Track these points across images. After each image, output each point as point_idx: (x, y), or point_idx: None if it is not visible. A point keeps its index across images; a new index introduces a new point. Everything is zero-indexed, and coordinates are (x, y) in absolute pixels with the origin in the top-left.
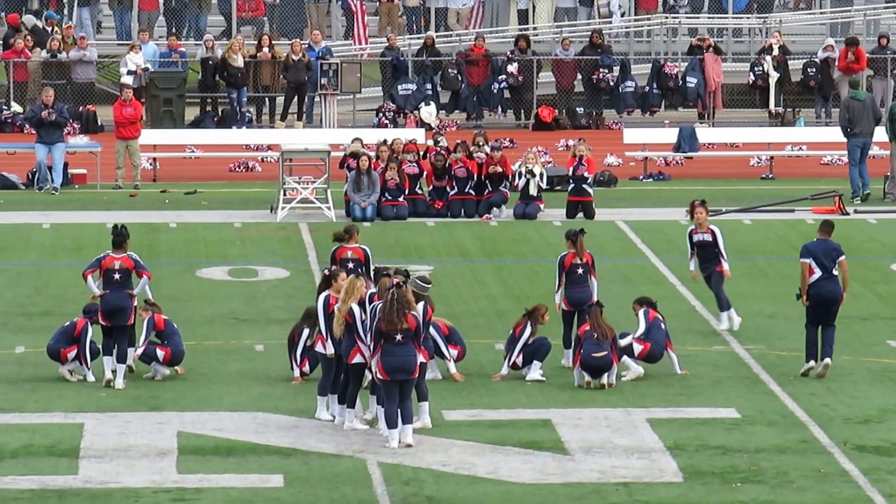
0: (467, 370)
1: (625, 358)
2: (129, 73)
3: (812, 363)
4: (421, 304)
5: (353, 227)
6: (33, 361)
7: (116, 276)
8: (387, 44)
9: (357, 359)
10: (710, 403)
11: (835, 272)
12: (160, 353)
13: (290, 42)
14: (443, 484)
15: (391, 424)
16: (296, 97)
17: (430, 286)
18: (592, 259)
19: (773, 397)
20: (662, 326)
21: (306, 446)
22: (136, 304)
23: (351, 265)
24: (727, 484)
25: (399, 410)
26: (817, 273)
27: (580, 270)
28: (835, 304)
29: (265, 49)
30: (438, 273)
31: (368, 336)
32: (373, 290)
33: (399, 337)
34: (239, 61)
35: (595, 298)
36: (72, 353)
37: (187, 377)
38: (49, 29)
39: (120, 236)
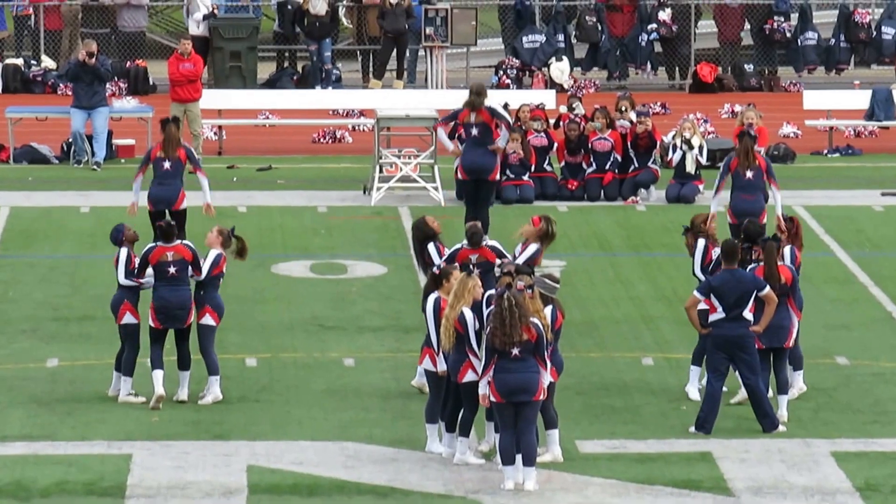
0: (608, 390)
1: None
2: (206, 17)
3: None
4: (549, 309)
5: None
6: (69, 377)
7: (171, 269)
8: None
9: (469, 376)
10: None
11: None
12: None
13: None
14: None
15: (507, 460)
16: (394, 51)
17: (559, 286)
18: (768, 165)
19: None
20: None
21: (407, 484)
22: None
23: (477, 272)
24: None
25: (518, 444)
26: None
27: (749, 174)
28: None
29: None
30: (572, 269)
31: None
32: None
33: (516, 351)
34: (320, 7)
35: (779, 213)
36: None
37: (260, 398)
38: None
39: (169, 227)
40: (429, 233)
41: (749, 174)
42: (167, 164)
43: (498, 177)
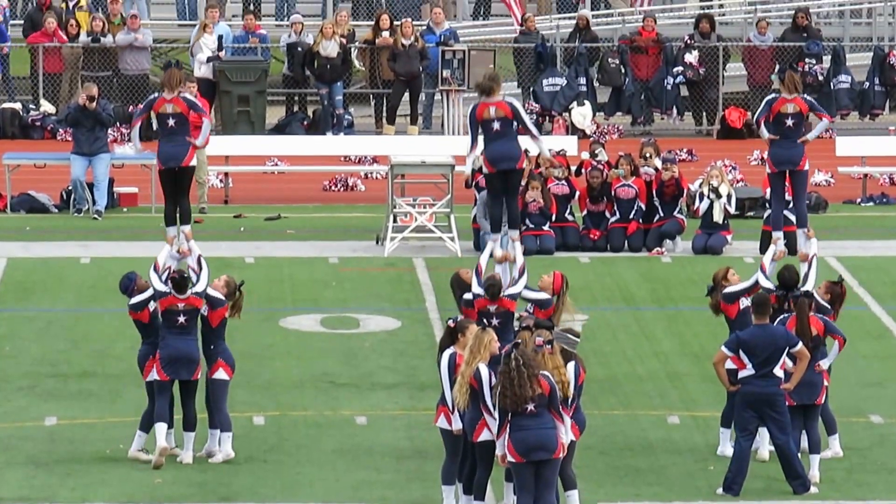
0: (632, 449)
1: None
2: (210, 59)
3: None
4: (571, 365)
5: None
6: (68, 437)
7: (181, 318)
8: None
9: (485, 435)
10: None
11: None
12: None
13: (400, 23)
14: None
15: None
16: (407, 94)
17: (579, 340)
18: (810, 104)
19: None
20: None
21: None
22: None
23: (497, 322)
24: None
25: None
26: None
27: (789, 122)
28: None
29: (385, 33)
30: (594, 323)
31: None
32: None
33: (531, 407)
34: (331, 49)
35: (811, 138)
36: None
37: (268, 458)
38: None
39: (182, 280)
40: (465, 287)
41: (789, 122)
42: (172, 122)
43: (524, 165)
